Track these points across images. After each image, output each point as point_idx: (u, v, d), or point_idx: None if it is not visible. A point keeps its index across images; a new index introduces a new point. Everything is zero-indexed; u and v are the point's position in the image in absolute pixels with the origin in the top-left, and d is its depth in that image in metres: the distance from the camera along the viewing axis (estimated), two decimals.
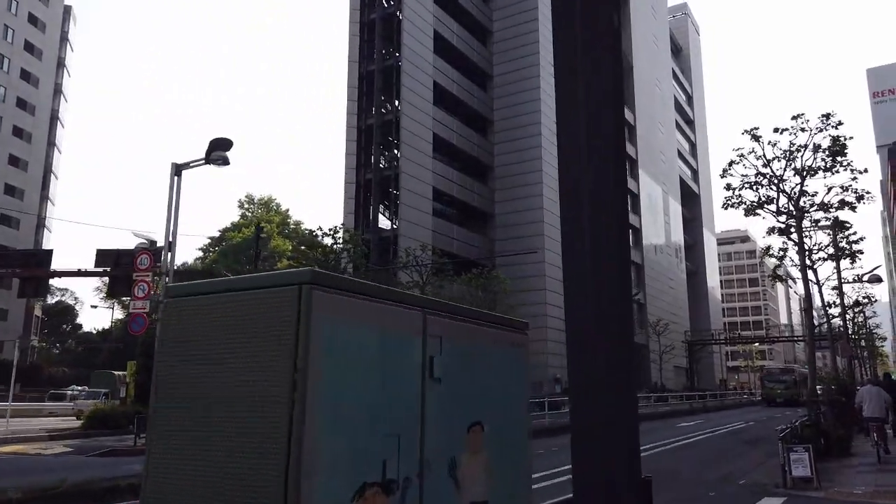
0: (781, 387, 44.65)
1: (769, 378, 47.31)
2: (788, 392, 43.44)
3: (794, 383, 44.07)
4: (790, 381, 44.81)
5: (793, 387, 43.54)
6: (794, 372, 46.99)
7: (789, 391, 43.58)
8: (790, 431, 11.39)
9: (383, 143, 43.87)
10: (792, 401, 40.88)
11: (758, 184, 15.19)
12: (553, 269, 49.13)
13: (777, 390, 44.69)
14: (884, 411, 12.68)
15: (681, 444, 16.96)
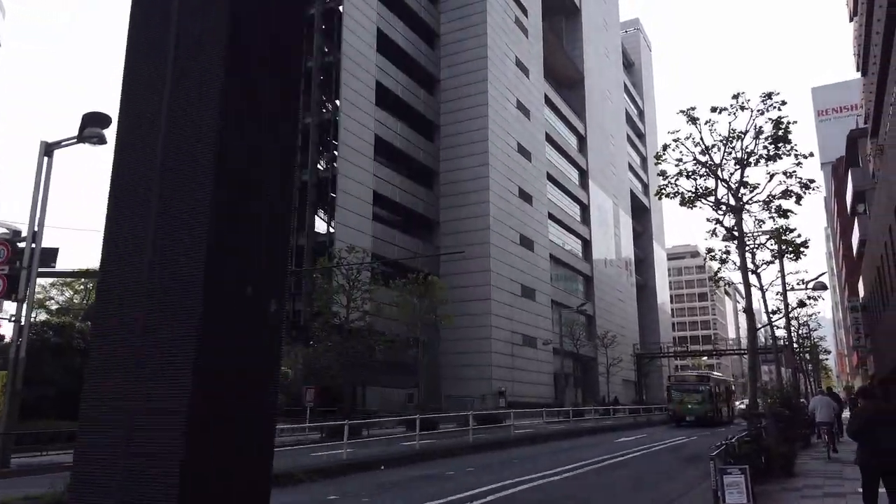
0: (694, 400, 34.55)
1: (678, 387, 36.25)
2: (702, 408, 34.26)
3: (709, 396, 34.65)
4: (705, 393, 34.74)
5: (708, 401, 34.46)
6: (709, 380, 36.47)
7: (702, 407, 34.28)
8: (725, 449, 9.78)
9: (322, 143, 41.79)
10: (705, 419, 33.42)
11: (695, 173, 13.76)
12: (500, 280, 47.63)
13: (688, 405, 34.53)
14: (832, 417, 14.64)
15: (613, 462, 15.33)
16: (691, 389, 35.06)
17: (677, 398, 35.33)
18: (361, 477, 12.45)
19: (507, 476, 12.30)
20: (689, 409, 34.20)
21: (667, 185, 13.83)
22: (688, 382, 36.72)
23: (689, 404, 34.18)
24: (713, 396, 34.75)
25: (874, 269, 26.56)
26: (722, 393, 38.22)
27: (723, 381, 41.43)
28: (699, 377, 37.67)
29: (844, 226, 58.05)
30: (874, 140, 27.29)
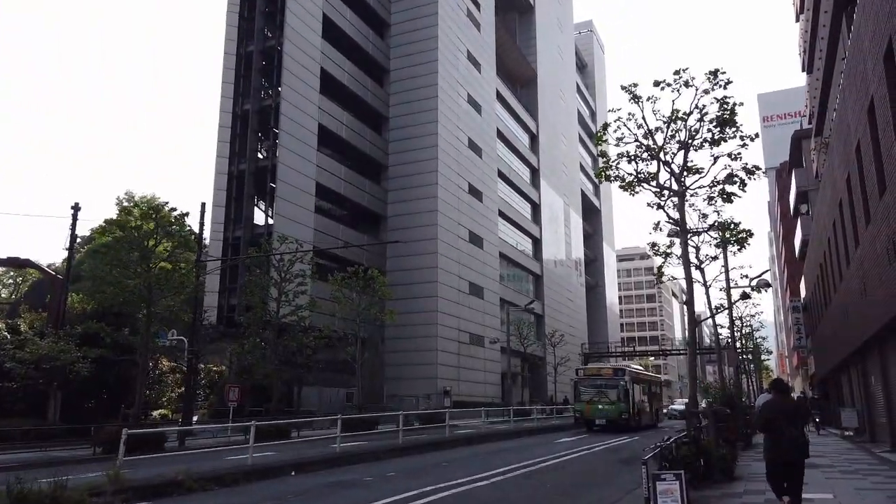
0: (607, 399, 28.00)
1: (588, 383, 29.23)
2: (615, 409, 27.67)
3: (625, 394, 27.88)
4: (620, 391, 27.96)
5: (623, 400, 27.82)
6: (625, 374, 29.02)
7: (616, 408, 27.71)
8: (661, 451, 8.83)
9: (262, 131, 39.95)
10: (620, 423, 27.42)
11: (637, 157, 12.86)
12: (448, 277, 46.58)
13: (599, 405, 28.10)
14: None
15: (548, 465, 14.35)
16: (603, 385, 28.29)
17: (586, 396, 28.62)
18: (264, 485, 11.10)
19: (430, 482, 11.15)
20: (599, 409, 27.90)
21: (607, 167, 12.88)
22: (599, 377, 29.29)
23: (601, 404, 27.95)
24: (631, 395, 28.12)
25: (817, 268, 26.46)
26: (644, 391, 32.24)
27: (645, 376, 34.56)
28: (613, 370, 30.05)
29: (787, 229, 59.10)
30: (819, 138, 27.20)
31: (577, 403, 29.54)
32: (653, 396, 34.28)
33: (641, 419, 29.83)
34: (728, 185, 11.83)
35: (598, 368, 32.22)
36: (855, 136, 13.89)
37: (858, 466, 12.87)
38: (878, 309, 13.37)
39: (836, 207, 18.08)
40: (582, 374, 30.55)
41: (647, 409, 32.19)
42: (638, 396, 30.04)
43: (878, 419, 17.90)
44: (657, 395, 36.17)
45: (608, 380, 28.78)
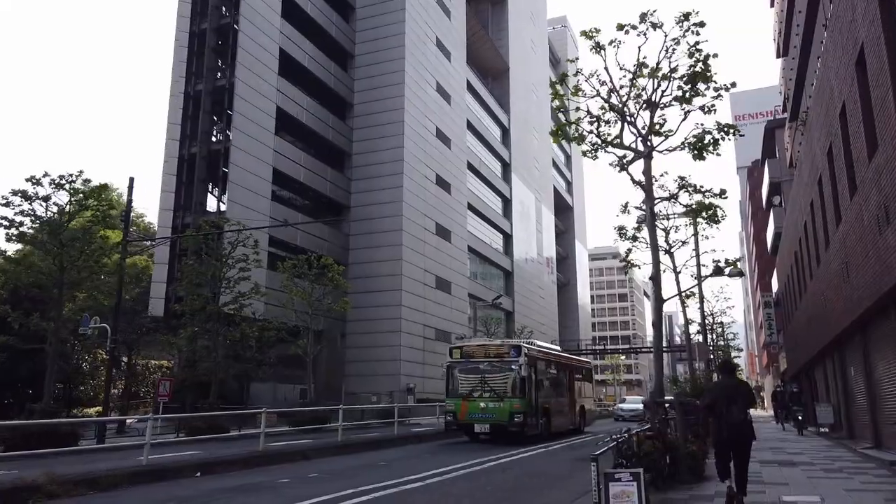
0: (494, 392, 18.33)
1: (465, 368, 19.18)
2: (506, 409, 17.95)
3: (522, 385, 18.08)
4: (515, 380, 18.22)
5: (520, 394, 18.01)
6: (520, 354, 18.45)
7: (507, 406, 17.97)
8: (617, 446, 7.28)
9: (216, 113, 37.84)
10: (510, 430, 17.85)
11: (600, 118, 11.34)
12: (413, 270, 44.90)
13: (480, 402, 18.37)
14: None
15: (499, 464, 12.79)
16: (488, 371, 18.45)
17: (464, 388, 18.61)
18: (149, 489, 9.31)
19: (352, 485, 9.48)
20: (480, 409, 18.03)
21: (565, 126, 11.34)
22: (483, 359, 18.70)
23: (483, 400, 18.06)
24: (531, 386, 18.29)
25: (790, 257, 25.33)
26: (559, 381, 21.82)
27: (560, 359, 22.97)
28: (503, 348, 18.90)
29: (759, 226, 58.58)
30: (793, 123, 26.11)
31: (449, 399, 18.57)
32: (575, 390, 23.34)
33: (551, 423, 19.66)
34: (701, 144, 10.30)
35: (481, 346, 19.35)
36: (839, 98, 12.54)
37: (842, 464, 11.52)
38: (862, 289, 12.03)
39: (814, 186, 16.81)
40: (458, 354, 18.98)
41: (564, 409, 21.79)
42: (545, 389, 19.94)
43: (858, 414, 16.66)
44: (584, 389, 25.23)
45: (495, 362, 18.27)
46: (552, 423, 19.93)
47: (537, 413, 18.67)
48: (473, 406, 18.22)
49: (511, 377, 18.10)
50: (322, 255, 28.44)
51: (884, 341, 12.65)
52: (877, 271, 10.71)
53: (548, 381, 20.62)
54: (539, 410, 18.85)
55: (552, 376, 21.21)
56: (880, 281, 10.57)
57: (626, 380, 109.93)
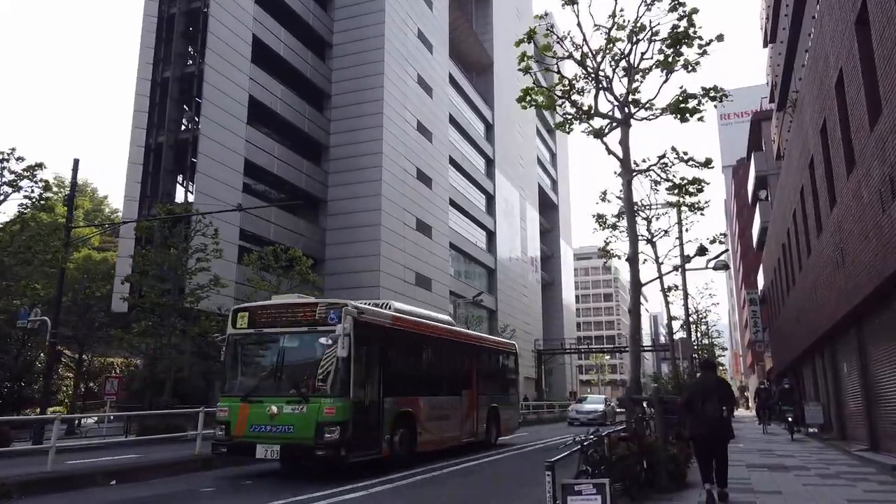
0: (290, 388, 10.51)
1: (253, 342, 11.41)
2: (306, 419, 9.97)
3: (343, 372, 10.15)
4: (331, 364, 10.16)
5: (339, 390, 10.05)
6: (341, 317, 10.29)
7: (309, 414, 10.01)
8: (581, 451, 6.08)
9: (185, 101, 36.33)
10: (320, 452, 9.85)
11: (572, 85, 10.17)
12: (392, 266, 43.60)
13: (271, 402, 10.34)
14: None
15: (461, 469, 11.55)
16: (292, 351, 11.03)
17: (249, 381, 11.27)
18: (47, 499, 7.97)
19: (304, 492, 8.21)
20: (271, 418, 10.22)
21: (531, 90, 10.13)
22: (287, 328, 11.01)
23: (277, 402, 10.36)
24: (373, 376, 11.18)
25: (778, 250, 24.35)
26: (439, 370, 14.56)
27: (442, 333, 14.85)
28: (320, 310, 10.80)
29: (744, 224, 57.96)
30: (781, 112, 25.18)
31: (223, 399, 11.16)
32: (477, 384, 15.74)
33: (419, 437, 12.35)
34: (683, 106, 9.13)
35: (282, 307, 11.45)
36: (835, 67, 11.46)
37: (838, 469, 10.41)
38: (860, 275, 10.95)
39: (804, 171, 15.77)
40: (244, 321, 11.42)
41: (452, 413, 14.25)
42: (404, 381, 12.44)
43: (850, 413, 15.61)
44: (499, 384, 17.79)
45: (304, 335, 10.91)
46: (421, 438, 12.24)
47: (380, 423, 10.79)
48: (258, 412, 10.16)
49: (326, 361, 10.10)
50: (290, 248, 27.05)
51: (882, 333, 11.58)
52: (878, 254, 9.62)
53: (410, 369, 12.85)
54: (385, 417, 10.96)
55: (422, 362, 13.46)
56: (882, 265, 9.47)
57: (610, 380, 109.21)
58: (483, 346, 17.15)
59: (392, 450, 11.18)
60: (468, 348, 15.96)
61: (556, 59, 10.01)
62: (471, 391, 15.25)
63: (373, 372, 11.05)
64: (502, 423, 16.95)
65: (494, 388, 17.02)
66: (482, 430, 15.67)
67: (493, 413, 16.32)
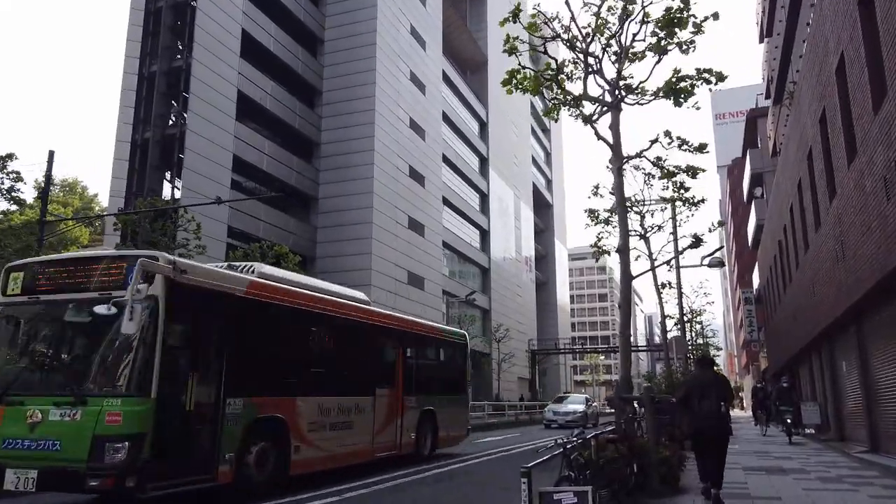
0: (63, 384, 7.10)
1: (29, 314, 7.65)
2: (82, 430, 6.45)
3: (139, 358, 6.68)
4: (125, 346, 6.76)
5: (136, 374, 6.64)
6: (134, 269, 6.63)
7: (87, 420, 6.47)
8: (564, 454, 5.55)
9: (172, 96, 35.69)
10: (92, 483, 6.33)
11: (561, 71, 9.66)
12: (384, 264, 43.07)
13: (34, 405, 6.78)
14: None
15: (446, 471, 11.02)
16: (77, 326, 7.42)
17: (9, 369, 7.47)
18: None
19: None
20: (30, 429, 6.66)
21: (516, 72, 9.61)
22: (72, 294, 7.27)
23: (42, 405, 6.74)
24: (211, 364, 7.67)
25: (774, 247, 23.90)
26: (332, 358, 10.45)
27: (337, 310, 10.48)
28: (114, 268, 7.13)
29: (739, 224, 57.56)
30: (777, 107, 24.74)
31: None
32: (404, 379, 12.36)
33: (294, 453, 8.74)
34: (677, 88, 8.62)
35: (67, 262, 7.71)
36: (836, 51, 10.97)
37: (839, 472, 9.91)
38: (861, 269, 10.46)
39: (802, 163, 15.29)
40: (16, 285, 7.59)
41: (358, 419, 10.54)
42: (246, 368, 8.14)
43: (849, 413, 15.14)
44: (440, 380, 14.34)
45: (91, 298, 7.11)
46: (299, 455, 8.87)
47: (215, 434, 7.49)
48: (14, 419, 6.84)
49: (120, 342, 6.91)
50: (275, 244, 26.49)
51: (884, 329, 11.10)
52: (881, 246, 9.13)
53: (282, 358, 9.13)
54: (227, 426, 7.64)
55: (304, 349, 9.84)
56: (885, 257, 8.98)
57: (605, 380, 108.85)
58: (415, 334, 13.08)
59: (241, 473, 7.66)
60: (388, 335, 11.92)
61: (543, 40, 9.50)
62: (391, 390, 11.55)
63: (207, 361, 7.60)
64: (442, 430, 13.34)
65: (432, 387, 13.27)
66: (409, 440, 11.98)
67: (427, 418, 12.75)
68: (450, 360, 14.92)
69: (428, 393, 13.01)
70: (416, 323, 13.98)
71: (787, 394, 17.19)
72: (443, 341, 14.64)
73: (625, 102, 9.15)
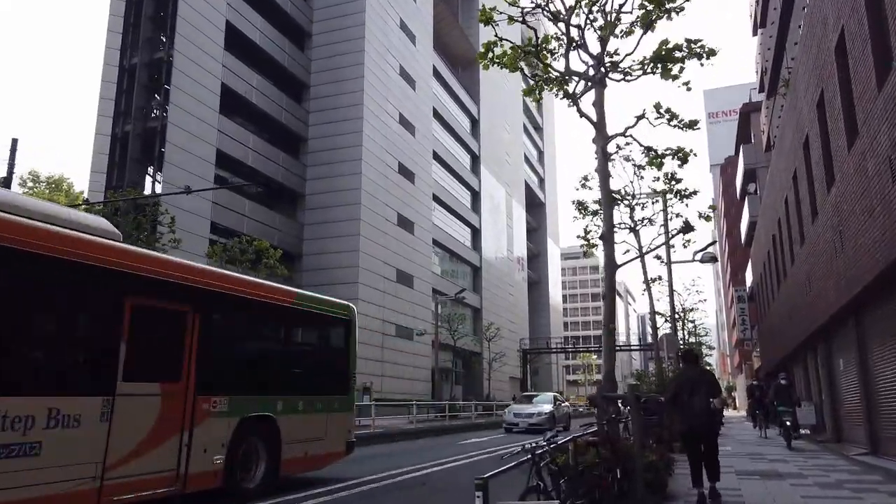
0: None
1: None
2: None
3: None
4: None
5: None
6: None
7: None
8: (532, 460, 4.82)
9: (155, 89, 34.84)
10: None
11: (544, 45, 8.97)
12: (372, 262, 42.30)
13: None
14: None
15: (418, 475, 10.32)
16: None
17: None
18: None
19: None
20: None
21: (492, 45, 8.90)
22: None
23: None
24: None
25: (768, 242, 23.29)
26: None
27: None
28: None
29: (731, 223, 57.11)
30: (771, 100, 24.14)
31: None
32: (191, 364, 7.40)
33: None
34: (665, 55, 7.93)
35: None
36: (835, 28, 10.31)
37: (839, 477, 9.24)
38: (863, 259, 9.81)
39: (798, 152, 14.65)
40: None
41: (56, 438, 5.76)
42: None
43: (847, 413, 14.50)
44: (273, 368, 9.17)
45: None
46: None
47: None
48: None
49: None
50: (256, 239, 25.72)
51: (886, 323, 10.44)
52: (886, 231, 8.47)
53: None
54: None
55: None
56: (891, 244, 8.32)
57: (597, 380, 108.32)
58: (229, 297, 8.11)
59: None
60: (159, 293, 7.19)
61: (522, 10, 8.81)
62: (168, 384, 7.12)
63: None
64: (291, 449, 8.65)
65: (272, 383, 8.80)
66: (209, 468, 7.45)
67: (255, 431, 8.18)
68: (316, 344, 10.53)
69: (261, 391, 8.46)
70: (232, 279, 8.49)
71: (786, 392, 14.92)
72: (299, 314, 9.43)
73: (610, 78, 8.44)
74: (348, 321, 10.46)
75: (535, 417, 22.45)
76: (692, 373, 7.30)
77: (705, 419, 7.01)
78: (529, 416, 22.82)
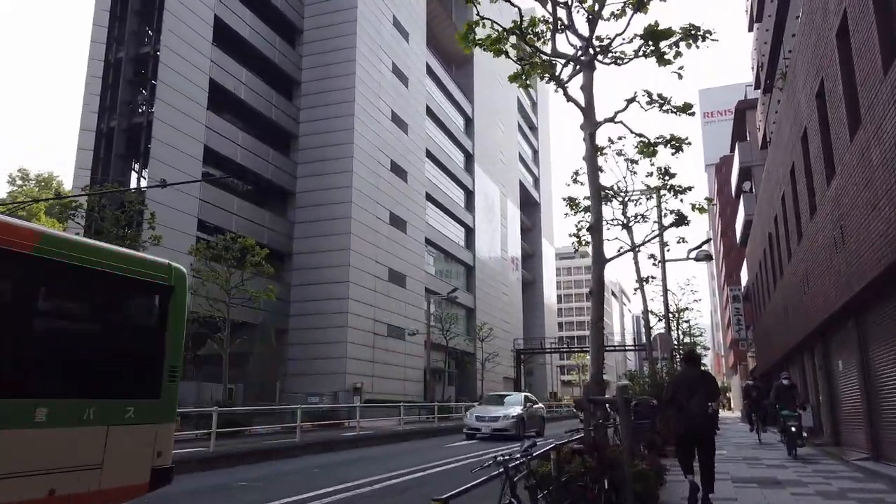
0: None
1: None
2: None
3: None
4: None
5: None
6: None
7: None
8: (505, 473, 4.29)
9: (141, 84, 34.22)
10: None
11: (529, 31, 8.46)
12: (363, 261, 41.73)
13: None
14: None
15: (395, 483, 9.77)
16: None
17: None
18: None
19: None
20: None
21: (474, 25, 8.39)
22: None
23: None
24: None
25: (764, 241, 22.82)
26: None
27: None
28: None
29: (726, 223, 56.71)
30: (767, 95, 23.68)
31: None
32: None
33: None
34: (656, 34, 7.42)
35: None
36: (837, 13, 9.82)
37: (841, 485, 8.73)
38: (865, 255, 9.31)
39: (797, 146, 14.16)
40: None
41: None
42: None
43: (846, 416, 14.02)
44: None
45: None
46: None
47: None
48: None
49: None
50: (241, 236, 25.14)
51: (889, 322, 9.95)
52: (891, 227, 7.97)
53: None
54: None
55: None
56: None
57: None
58: None
59: None
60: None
61: None
62: None
63: None
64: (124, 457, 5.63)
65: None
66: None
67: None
68: (88, 319, 6.08)
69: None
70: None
71: (788, 393, 13.08)
72: (46, 268, 5.26)
73: (599, 61, 7.92)
74: (167, 289, 6.26)
75: (501, 421, 19.65)
76: (692, 375, 7.20)
77: (702, 421, 6.91)
78: (494, 419, 19.86)
